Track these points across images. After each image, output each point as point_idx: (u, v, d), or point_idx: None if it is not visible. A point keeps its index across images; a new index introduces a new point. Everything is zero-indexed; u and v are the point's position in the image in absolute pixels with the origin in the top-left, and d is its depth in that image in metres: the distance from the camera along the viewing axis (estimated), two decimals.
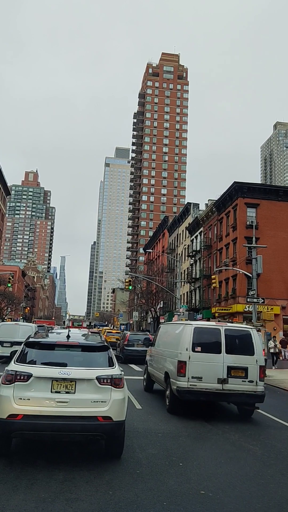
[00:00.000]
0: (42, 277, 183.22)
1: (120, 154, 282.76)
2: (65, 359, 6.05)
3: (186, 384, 9.46)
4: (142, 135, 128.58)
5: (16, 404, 5.57)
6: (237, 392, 9.49)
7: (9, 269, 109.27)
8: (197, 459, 6.61)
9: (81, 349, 6.35)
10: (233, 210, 41.91)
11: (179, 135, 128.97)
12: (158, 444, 7.31)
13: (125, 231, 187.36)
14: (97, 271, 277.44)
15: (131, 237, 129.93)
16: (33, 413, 5.54)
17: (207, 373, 9.49)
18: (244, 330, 10.33)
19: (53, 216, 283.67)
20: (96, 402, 5.77)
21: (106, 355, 6.30)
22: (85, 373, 5.88)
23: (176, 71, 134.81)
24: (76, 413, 5.65)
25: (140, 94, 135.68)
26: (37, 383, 5.70)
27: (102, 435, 5.82)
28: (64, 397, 5.68)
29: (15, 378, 5.71)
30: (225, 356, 9.57)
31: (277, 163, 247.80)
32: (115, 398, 5.86)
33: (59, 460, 5.93)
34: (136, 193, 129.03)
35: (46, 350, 6.24)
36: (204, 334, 9.89)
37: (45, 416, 5.56)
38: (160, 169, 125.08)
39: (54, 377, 5.73)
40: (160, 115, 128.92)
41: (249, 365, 9.63)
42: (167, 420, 9.23)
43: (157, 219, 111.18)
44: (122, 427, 5.99)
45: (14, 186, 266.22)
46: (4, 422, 5.53)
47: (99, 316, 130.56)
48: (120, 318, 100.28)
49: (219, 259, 45.01)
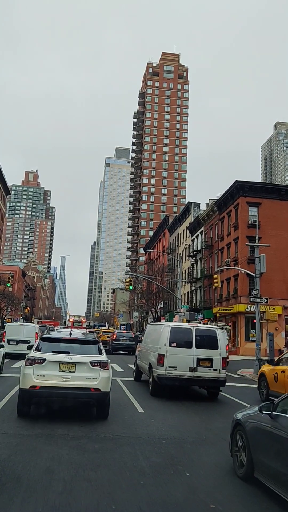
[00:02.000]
0: (42, 277, 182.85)
1: (120, 154, 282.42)
2: (68, 349, 8.52)
3: (164, 372, 11.74)
4: (142, 134, 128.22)
5: (35, 379, 8.01)
6: (204, 378, 11.91)
7: (9, 269, 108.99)
8: (203, 467, 6.26)
9: (79, 342, 8.83)
10: (235, 209, 41.55)
11: (179, 135, 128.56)
12: (163, 451, 6.96)
13: (125, 231, 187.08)
14: (97, 271, 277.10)
15: (131, 237, 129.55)
16: (47, 385, 7.97)
17: (181, 363, 11.73)
18: (210, 329, 12.83)
19: (53, 216, 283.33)
20: (89, 378, 8.17)
21: (97, 347, 8.84)
22: (82, 358, 8.30)
23: (177, 70, 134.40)
24: (76, 385, 8.06)
25: (140, 94, 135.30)
26: (49, 365, 8.12)
27: (93, 401, 8.36)
28: (67, 374, 8.10)
29: (34, 361, 8.18)
30: (195, 350, 11.84)
31: (277, 163, 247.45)
32: (103, 376, 8.27)
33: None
34: (136, 193, 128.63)
35: (55, 343, 8.75)
36: (178, 333, 12.13)
37: (55, 387, 7.98)
38: (161, 169, 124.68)
39: (61, 361, 8.17)
40: (160, 114, 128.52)
41: (214, 357, 11.93)
42: (170, 425, 8.89)
43: (158, 219, 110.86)
44: (107, 396, 8.42)
45: (14, 186, 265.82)
46: (27, 391, 8.08)
47: (99, 316, 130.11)
48: (120, 318, 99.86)
49: (221, 259, 44.65)
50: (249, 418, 5.68)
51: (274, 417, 5.01)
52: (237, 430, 5.97)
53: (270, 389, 12.41)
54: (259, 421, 5.31)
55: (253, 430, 5.45)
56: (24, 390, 8.13)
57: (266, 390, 12.74)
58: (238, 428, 5.94)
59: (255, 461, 5.29)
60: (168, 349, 11.76)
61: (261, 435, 5.18)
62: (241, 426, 5.82)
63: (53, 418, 8.38)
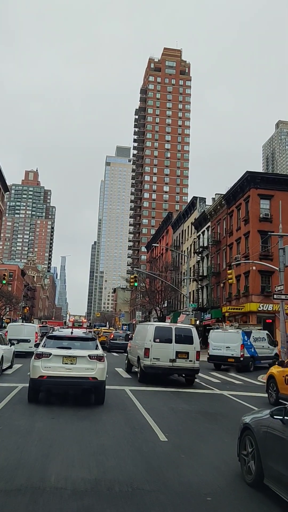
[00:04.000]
0: (42, 276, 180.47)
1: (121, 153, 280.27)
2: (70, 345, 10.22)
3: (149, 363, 14.13)
4: (144, 131, 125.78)
5: (43, 370, 9.61)
6: (182, 368, 14.38)
7: (8, 268, 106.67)
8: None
9: (79, 339, 10.46)
10: (245, 202, 39.09)
11: (181, 131, 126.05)
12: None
13: (125, 231, 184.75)
14: (97, 271, 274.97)
15: (132, 236, 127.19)
16: (52, 375, 9.59)
17: (163, 355, 14.15)
18: (187, 328, 15.35)
19: (53, 216, 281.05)
20: (88, 369, 9.71)
21: (94, 343, 10.51)
22: (81, 352, 9.91)
23: (179, 66, 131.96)
24: (76, 375, 9.65)
25: (142, 90, 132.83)
26: (54, 358, 9.73)
27: (91, 388, 10.00)
28: (70, 366, 9.70)
29: (41, 355, 9.79)
30: (174, 345, 14.32)
31: (279, 162, 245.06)
32: (99, 367, 9.82)
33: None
34: (137, 190, 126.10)
35: (59, 340, 10.43)
36: (161, 331, 14.66)
37: (59, 376, 9.59)
38: (162, 166, 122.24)
39: (64, 355, 9.80)
40: (162, 111, 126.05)
41: (189, 351, 14.37)
42: (207, 461, 6.42)
43: (159, 217, 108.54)
44: (103, 384, 10.00)
45: (14, 185, 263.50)
46: (36, 380, 9.66)
47: (100, 316, 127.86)
48: (122, 318, 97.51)
49: (229, 255, 42.19)
50: (259, 423, 5.26)
51: (287, 422, 4.61)
52: (245, 434, 5.55)
53: (280, 392, 12.04)
54: (269, 426, 4.93)
55: (263, 436, 5.04)
56: (33, 379, 9.71)
57: (276, 393, 12.25)
58: (247, 433, 5.52)
59: (265, 467, 4.95)
60: (152, 344, 14.23)
61: (272, 441, 4.82)
62: (250, 430, 5.42)
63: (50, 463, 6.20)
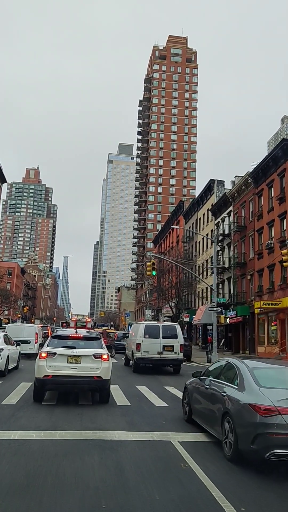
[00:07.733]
0: (43, 275, 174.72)
1: (123, 151, 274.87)
2: (75, 344, 10.88)
3: (140, 355, 18.36)
4: (148, 122, 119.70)
5: (48, 369, 10.07)
6: (168, 359, 18.69)
7: (7, 266, 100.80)
8: None
9: (83, 339, 11.23)
10: (279, 177, 33.06)
11: (188, 122, 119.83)
12: None
13: (129, 229, 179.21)
14: (100, 271, 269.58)
15: (137, 232, 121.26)
16: (58, 374, 10.07)
17: (152, 349, 18.37)
18: (172, 326, 20.01)
19: (55, 214, 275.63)
20: (92, 368, 10.27)
21: (99, 342, 11.25)
22: (86, 352, 10.52)
23: (185, 53, 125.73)
24: (81, 374, 10.16)
25: (146, 79, 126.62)
26: (59, 357, 10.27)
27: (96, 387, 10.46)
28: (74, 365, 10.23)
29: (47, 355, 10.30)
30: (161, 339, 18.58)
31: None
32: (104, 366, 10.36)
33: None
34: (142, 184, 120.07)
35: (63, 340, 11.10)
36: (150, 328, 19.05)
37: (64, 376, 10.07)
38: (169, 158, 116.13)
39: (69, 354, 10.36)
40: (167, 100, 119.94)
41: (174, 344, 18.66)
42: None
43: (166, 211, 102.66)
44: (108, 383, 10.55)
45: (15, 184, 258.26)
46: (41, 379, 10.12)
47: (104, 315, 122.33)
48: (127, 317, 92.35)
49: (258, 242, 36.19)
50: (190, 383, 8.90)
51: (201, 379, 8.25)
52: (184, 390, 9.23)
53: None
54: (193, 383, 8.68)
55: (191, 389, 8.69)
56: (39, 379, 10.09)
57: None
58: (185, 389, 9.17)
59: (192, 408, 8.44)
60: (143, 339, 18.39)
61: (194, 391, 8.40)
62: (186, 388, 9.12)
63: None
